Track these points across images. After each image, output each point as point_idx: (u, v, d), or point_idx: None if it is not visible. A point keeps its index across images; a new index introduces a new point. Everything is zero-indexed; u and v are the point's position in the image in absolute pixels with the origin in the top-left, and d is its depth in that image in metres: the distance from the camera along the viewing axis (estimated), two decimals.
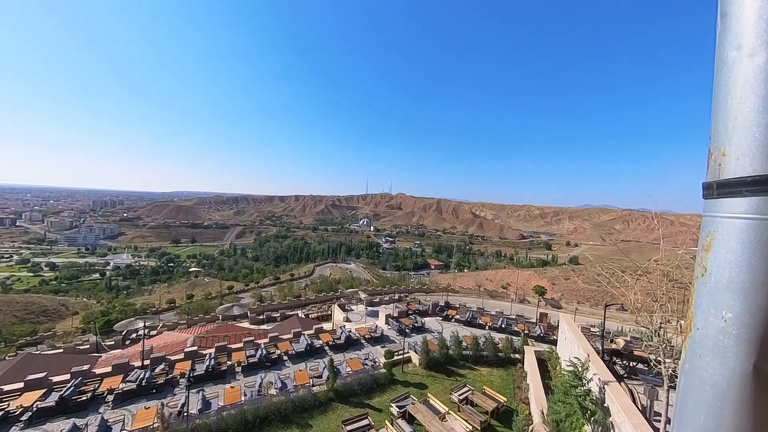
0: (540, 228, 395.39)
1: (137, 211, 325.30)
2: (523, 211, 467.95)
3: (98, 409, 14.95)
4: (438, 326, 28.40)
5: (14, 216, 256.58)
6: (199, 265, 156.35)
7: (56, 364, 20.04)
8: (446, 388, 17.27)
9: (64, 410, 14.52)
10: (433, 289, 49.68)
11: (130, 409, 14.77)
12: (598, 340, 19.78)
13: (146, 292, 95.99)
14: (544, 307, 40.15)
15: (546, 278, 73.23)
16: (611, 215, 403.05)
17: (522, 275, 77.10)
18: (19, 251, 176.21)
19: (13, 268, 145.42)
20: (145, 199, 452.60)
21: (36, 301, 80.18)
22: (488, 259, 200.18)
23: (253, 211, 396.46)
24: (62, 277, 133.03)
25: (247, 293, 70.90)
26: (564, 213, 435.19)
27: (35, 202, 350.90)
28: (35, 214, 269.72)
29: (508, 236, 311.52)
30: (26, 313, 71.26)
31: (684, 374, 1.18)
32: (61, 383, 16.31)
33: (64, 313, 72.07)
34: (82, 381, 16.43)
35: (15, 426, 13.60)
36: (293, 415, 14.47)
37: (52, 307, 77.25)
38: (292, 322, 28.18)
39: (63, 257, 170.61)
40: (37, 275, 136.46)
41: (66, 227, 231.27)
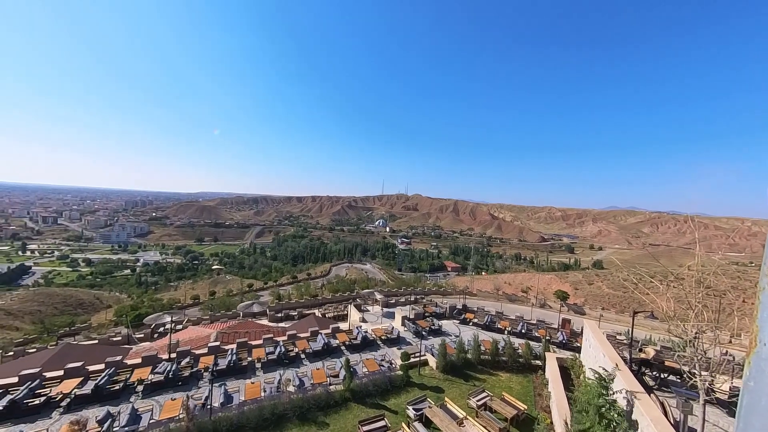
0: (562, 230, 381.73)
1: (165, 210, 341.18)
2: (543, 212, 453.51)
3: (129, 398, 15.78)
4: (455, 329, 28.00)
5: (56, 215, 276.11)
6: (221, 263, 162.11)
7: (92, 354, 21.33)
8: (464, 393, 17.00)
9: (99, 398, 15.44)
10: (450, 292, 49.06)
11: (158, 400, 15.49)
12: (626, 349, 18.85)
13: (172, 288, 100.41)
14: (567, 312, 38.72)
15: (568, 283, 70.62)
16: (638, 218, 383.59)
17: (543, 279, 74.74)
18: (59, 247, 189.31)
19: (54, 263, 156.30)
20: (172, 200, 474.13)
21: (74, 295, 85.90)
22: (507, 262, 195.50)
23: (271, 212, 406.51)
24: (97, 272, 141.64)
25: (266, 291, 72.81)
26: (587, 215, 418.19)
27: (74, 202, 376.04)
28: (74, 213, 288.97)
29: (528, 239, 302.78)
30: (65, 305, 76.47)
31: (748, 393, 1.11)
32: (96, 372, 17.37)
33: (98, 306, 76.73)
34: (115, 371, 17.41)
35: (56, 411, 14.61)
36: (311, 413, 14.69)
37: (88, 301, 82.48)
38: (310, 321, 28.64)
39: (98, 254, 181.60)
40: (75, 270, 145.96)
41: (101, 225, 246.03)
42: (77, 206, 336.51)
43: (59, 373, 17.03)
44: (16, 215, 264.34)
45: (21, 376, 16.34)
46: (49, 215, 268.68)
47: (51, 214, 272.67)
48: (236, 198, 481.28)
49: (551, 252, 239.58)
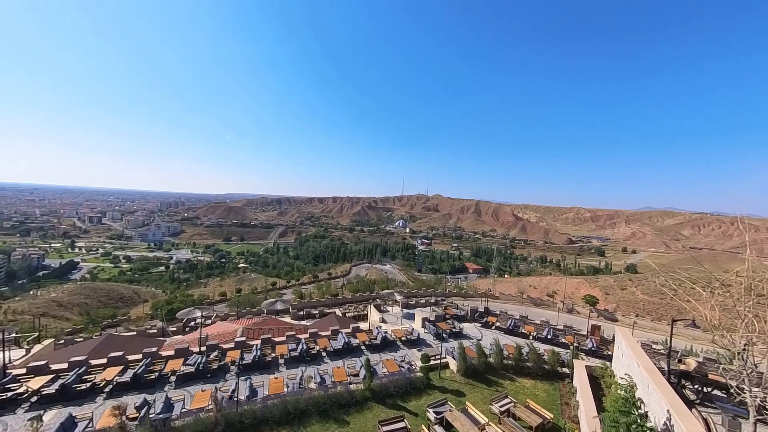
0: (591, 232, 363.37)
1: (196, 211, 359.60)
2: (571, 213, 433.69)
3: (163, 387, 16.77)
4: (477, 333, 27.39)
5: (100, 215, 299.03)
6: (247, 261, 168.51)
7: (131, 345, 22.87)
8: (486, 398, 16.59)
9: (137, 386, 16.54)
10: (472, 294, 48.07)
11: (189, 390, 16.33)
12: (663, 359, 17.63)
13: (202, 284, 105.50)
14: (596, 318, 36.79)
15: (598, 287, 67.03)
16: (677, 219, 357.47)
17: (570, 283, 71.45)
18: (103, 245, 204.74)
19: (98, 260, 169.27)
20: (203, 201, 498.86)
21: (115, 289, 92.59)
22: (532, 264, 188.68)
23: (294, 212, 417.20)
24: (135, 268, 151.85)
25: (288, 290, 74.73)
26: (620, 216, 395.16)
27: (116, 203, 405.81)
28: (116, 213, 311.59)
29: (555, 240, 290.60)
30: (108, 299, 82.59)
31: None
32: (134, 362, 18.61)
33: (136, 300, 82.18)
34: (151, 361, 18.58)
35: (99, 396, 15.81)
36: (332, 410, 14.92)
37: (128, 295, 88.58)
38: (330, 320, 29.10)
39: (136, 251, 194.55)
40: (117, 266, 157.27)
41: (139, 225, 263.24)
42: (119, 207, 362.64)
43: (103, 361, 18.41)
44: (66, 215, 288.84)
45: (70, 362, 17.83)
46: (94, 215, 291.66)
47: (96, 215, 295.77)
48: (261, 199, 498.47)
49: (579, 255, 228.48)
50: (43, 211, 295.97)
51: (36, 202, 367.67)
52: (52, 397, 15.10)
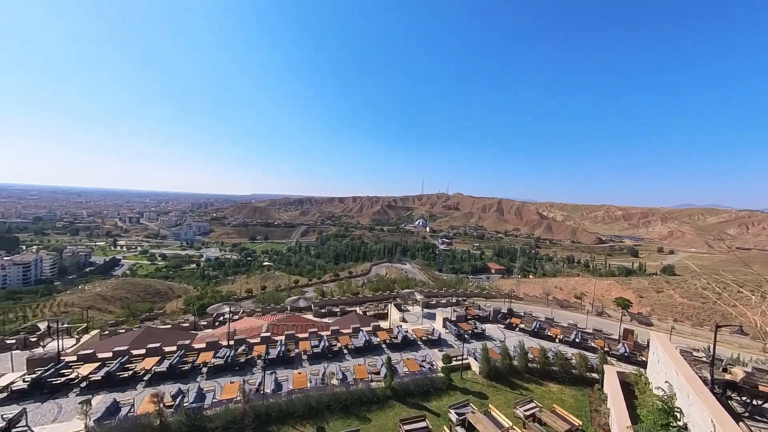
0: (623, 231, 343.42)
1: (223, 211, 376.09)
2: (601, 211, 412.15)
3: (196, 378, 17.76)
4: (500, 334, 26.76)
5: (138, 215, 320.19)
6: (271, 260, 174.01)
7: (167, 337, 24.36)
8: (509, 401, 16.20)
9: (172, 376, 17.61)
10: (494, 295, 46.96)
11: (219, 382, 17.18)
12: (705, 368, 16.44)
13: (230, 281, 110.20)
14: (629, 322, 34.78)
15: (631, 289, 63.32)
16: (721, 217, 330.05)
17: (600, 285, 68.00)
18: (141, 243, 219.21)
19: (137, 257, 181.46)
20: (230, 201, 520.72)
21: (152, 285, 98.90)
22: (558, 264, 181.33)
23: (315, 212, 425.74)
24: (170, 265, 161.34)
25: (310, 287, 76.45)
26: (655, 214, 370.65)
27: (152, 204, 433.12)
28: (152, 214, 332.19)
29: (583, 240, 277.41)
30: (146, 293, 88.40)
31: None
32: (170, 353, 19.81)
33: (171, 296, 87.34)
34: (184, 353, 19.72)
35: (140, 384, 17.00)
36: (353, 407, 15.15)
37: (163, 290, 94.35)
38: (351, 318, 29.49)
39: (170, 249, 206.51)
40: (153, 263, 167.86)
41: (172, 225, 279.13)
42: (154, 208, 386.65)
43: (142, 351, 19.76)
44: (109, 216, 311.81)
45: (114, 352, 19.30)
46: (133, 216, 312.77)
47: (135, 215, 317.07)
48: (284, 199, 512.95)
49: (610, 255, 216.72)
50: (90, 213, 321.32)
51: (83, 204, 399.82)
52: (98, 383, 16.44)
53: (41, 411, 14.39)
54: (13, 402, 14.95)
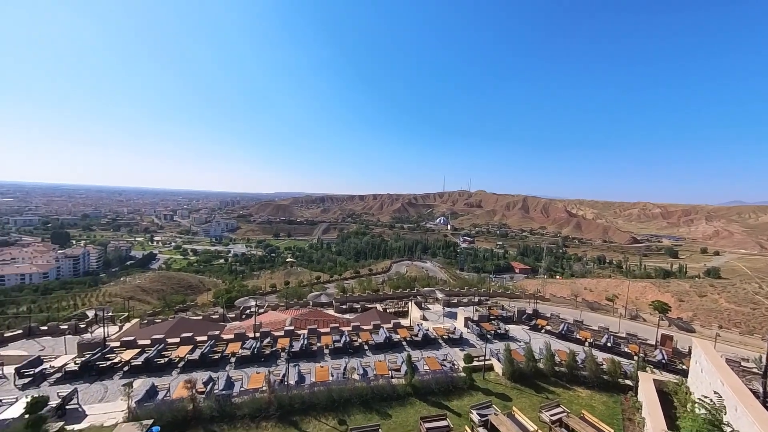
0: (661, 230, 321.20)
1: (249, 209, 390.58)
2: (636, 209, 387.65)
3: (225, 367, 18.64)
4: (524, 336, 25.95)
5: (172, 213, 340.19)
6: (294, 256, 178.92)
7: (198, 327, 25.73)
8: (534, 405, 15.68)
9: (203, 364, 18.60)
10: (518, 295, 45.58)
11: (246, 372, 17.93)
12: (757, 380, 15.05)
13: (255, 276, 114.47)
14: (667, 327, 32.54)
15: (669, 293, 59.15)
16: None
17: (635, 287, 64.09)
18: (175, 239, 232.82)
19: (171, 252, 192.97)
20: (255, 200, 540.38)
21: (185, 278, 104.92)
22: (588, 265, 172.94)
23: (336, 209, 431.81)
24: (200, 260, 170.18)
25: (331, 284, 77.85)
26: (698, 212, 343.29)
27: (184, 203, 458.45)
28: (184, 211, 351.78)
29: (615, 239, 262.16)
30: (179, 286, 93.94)
31: None
32: (201, 342, 20.94)
33: (201, 289, 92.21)
34: (214, 343, 20.75)
35: (174, 370, 18.10)
36: (374, 402, 15.28)
37: (195, 283, 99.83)
38: (372, 315, 29.72)
39: (201, 245, 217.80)
40: (185, 258, 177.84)
41: (203, 222, 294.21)
42: (186, 206, 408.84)
43: (176, 340, 21.02)
44: (146, 213, 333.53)
45: (152, 339, 20.67)
46: (167, 213, 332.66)
47: (169, 213, 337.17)
48: (306, 197, 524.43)
49: (646, 255, 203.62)
50: (129, 210, 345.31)
51: (124, 202, 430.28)
52: (138, 368, 17.69)
53: (90, 391, 15.71)
54: (66, 382, 16.43)
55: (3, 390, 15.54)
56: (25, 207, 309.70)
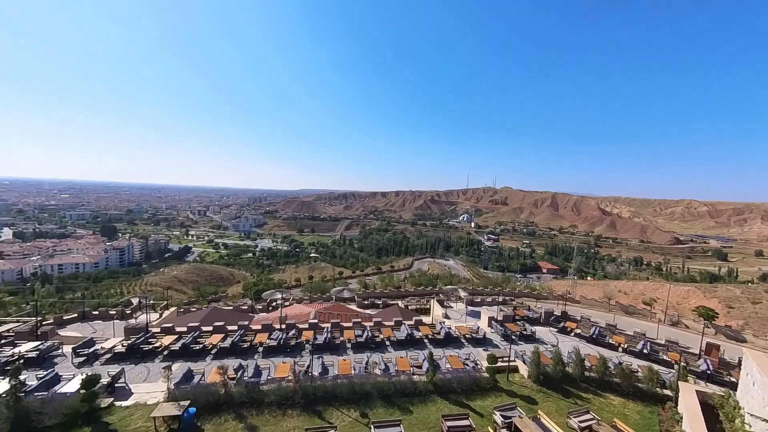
0: (708, 231, 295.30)
1: (275, 205, 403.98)
2: (679, 207, 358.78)
3: (253, 355, 19.57)
4: (551, 338, 25.00)
5: (205, 209, 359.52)
6: (317, 251, 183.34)
7: (229, 317, 27.19)
8: (561, 410, 15.14)
9: (233, 352, 19.64)
10: (546, 296, 43.86)
11: (273, 361, 18.72)
12: None
13: (281, 270, 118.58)
14: (713, 336, 29.96)
15: (716, 298, 54.32)
16: None
17: (676, 291, 59.57)
18: (207, 234, 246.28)
19: (204, 246, 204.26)
20: (281, 196, 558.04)
21: (217, 270, 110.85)
22: (622, 266, 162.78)
23: (358, 206, 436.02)
24: (231, 254, 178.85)
25: (353, 279, 79.00)
26: (753, 211, 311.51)
27: (216, 199, 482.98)
28: (215, 207, 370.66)
29: (654, 239, 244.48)
30: (212, 278, 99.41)
31: None
32: (232, 331, 22.10)
33: (231, 281, 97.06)
34: (244, 332, 21.83)
35: (208, 356, 19.27)
36: (395, 397, 15.42)
37: (225, 276, 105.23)
38: (393, 311, 29.88)
39: (231, 239, 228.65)
40: (217, 251, 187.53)
41: (233, 217, 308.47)
42: (218, 202, 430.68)
43: (209, 328, 22.34)
44: (182, 209, 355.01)
45: (188, 327, 22.11)
46: (201, 209, 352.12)
47: (202, 209, 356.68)
48: (329, 194, 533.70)
49: (689, 257, 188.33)
50: (168, 206, 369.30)
51: (162, 198, 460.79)
52: (176, 352, 19.02)
53: (135, 372, 17.14)
54: (115, 362, 18.02)
55: (63, 367, 17.34)
56: (78, 203, 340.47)
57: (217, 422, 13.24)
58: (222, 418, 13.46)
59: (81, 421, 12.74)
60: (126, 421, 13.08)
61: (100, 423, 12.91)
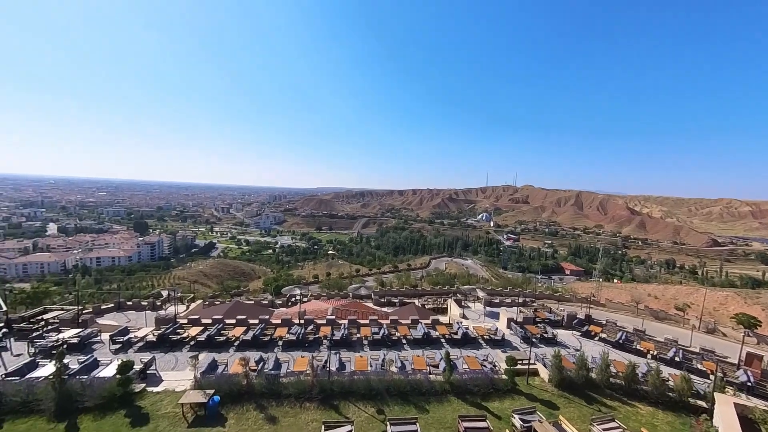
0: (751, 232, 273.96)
1: (294, 203, 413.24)
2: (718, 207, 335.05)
3: (273, 349, 20.18)
4: (574, 342, 24.13)
5: (228, 206, 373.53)
6: (335, 249, 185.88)
7: (251, 311, 28.13)
8: (584, 416, 14.60)
9: (255, 345, 20.32)
10: (568, 299, 42.39)
11: (292, 355, 19.23)
12: None
13: (299, 267, 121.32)
14: (756, 345, 27.86)
15: (760, 305, 50.33)
16: None
17: (713, 296, 55.78)
18: (230, 230, 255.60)
19: (228, 242, 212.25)
20: (300, 194, 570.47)
21: (239, 266, 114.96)
22: (653, 269, 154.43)
23: (375, 204, 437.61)
24: (252, 250, 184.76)
25: (370, 277, 79.60)
26: None
27: (238, 197, 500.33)
28: (238, 205, 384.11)
29: (689, 241, 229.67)
30: (234, 273, 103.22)
31: None
32: (253, 325, 22.86)
33: (253, 276, 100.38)
34: (264, 326, 22.53)
35: (231, 348, 20.06)
36: (411, 396, 15.43)
37: (247, 271, 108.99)
38: (410, 310, 29.84)
39: (252, 236, 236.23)
40: (239, 247, 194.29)
41: (254, 215, 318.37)
42: (240, 200, 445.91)
43: (232, 321, 23.21)
44: (207, 206, 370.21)
45: (213, 319, 23.09)
46: (224, 206, 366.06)
47: (225, 206, 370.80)
48: (346, 192, 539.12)
49: (729, 261, 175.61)
50: (194, 204, 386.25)
51: (189, 196, 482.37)
52: (202, 343, 19.93)
53: (164, 360, 18.12)
54: (146, 350, 19.13)
55: (101, 353, 18.62)
56: (114, 200, 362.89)
57: (239, 411, 13.78)
58: (244, 407, 13.99)
59: (117, 403, 13.64)
60: (156, 406, 13.88)
61: (134, 406, 13.77)
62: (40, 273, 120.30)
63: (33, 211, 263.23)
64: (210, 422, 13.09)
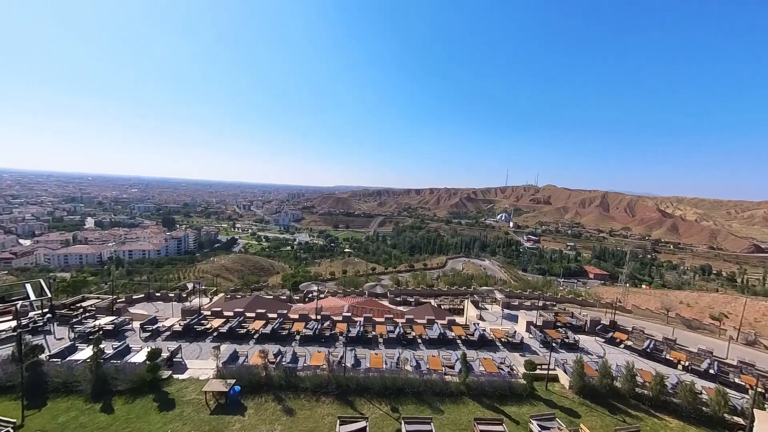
0: None
1: (312, 201, 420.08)
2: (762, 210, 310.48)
3: (291, 343, 20.67)
4: (597, 348, 23.16)
5: (249, 203, 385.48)
6: (351, 247, 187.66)
7: (270, 305, 28.95)
8: (607, 426, 14.03)
9: (273, 338, 20.89)
10: (592, 303, 40.75)
11: (309, 350, 19.60)
12: None
13: (317, 264, 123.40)
14: None
15: None
16: None
17: (754, 306, 51.97)
18: (251, 227, 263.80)
19: (248, 238, 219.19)
20: (317, 192, 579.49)
21: (259, 261, 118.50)
22: (685, 275, 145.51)
23: (392, 203, 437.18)
24: (271, 246, 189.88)
25: (386, 275, 79.78)
26: None
27: (259, 194, 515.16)
28: (258, 202, 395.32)
29: (728, 246, 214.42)
30: (254, 268, 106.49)
31: None
32: (272, 319, 23.51)
33: (272, 271, 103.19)
34: (283, 320, 23.11)
35: (251, 340, 20.73)
36: (426, 395, 15.37)
37: (266, 266, 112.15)
38: (426, 309, 29.69)
39: (272, 233, 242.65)
40: (259, 243, 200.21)
41: (273, 212, 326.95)
42: (261, 198, 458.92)
43: (252, 314, 23.97)
44: (229, 203, 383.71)
45: (234, 312, 23.96)
46: (246, 204, 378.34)
47: (247, 203, 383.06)
48: (363, 191, 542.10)
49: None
50: (217, 201, 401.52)
51: (213, 193, 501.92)
52: (224, 334, 20.72)
53: (189, 349, 19.00)
54: (173, 339, 20.12)
55: (132, 340, 19.78)
56: (144, 197, 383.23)
57: (258, 401, 14.24)
58: (262, 398, 14.44)
59: (146, 388, 14.47)
60: (182, 393, 14.59)
61: (161, 392, 14.54)
62: (78, 263, 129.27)
63: (73, 206, 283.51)
64: (231, 410, 13.61)
